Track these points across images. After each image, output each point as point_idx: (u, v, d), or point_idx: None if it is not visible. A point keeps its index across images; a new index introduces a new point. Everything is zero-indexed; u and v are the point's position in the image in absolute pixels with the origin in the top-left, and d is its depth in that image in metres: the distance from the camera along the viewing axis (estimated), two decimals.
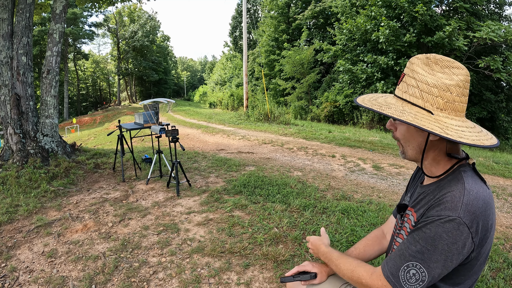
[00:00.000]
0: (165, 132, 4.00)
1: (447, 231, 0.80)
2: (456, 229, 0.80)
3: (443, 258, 0.82)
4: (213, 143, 8.47)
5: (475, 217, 0.80)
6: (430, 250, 0.82)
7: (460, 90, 0.84)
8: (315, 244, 1.22)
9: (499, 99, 12.56)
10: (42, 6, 7.19)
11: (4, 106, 4.74)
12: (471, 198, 0.82)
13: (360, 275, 0.98)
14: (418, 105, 0.86)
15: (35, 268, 2.41)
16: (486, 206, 0.83)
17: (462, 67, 0.86)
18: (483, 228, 0.82)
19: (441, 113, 0.84)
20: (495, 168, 5.53)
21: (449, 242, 0.80)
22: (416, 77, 0.87)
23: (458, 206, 0.81)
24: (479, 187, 0.86)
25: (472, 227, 0.80)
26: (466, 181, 0.86)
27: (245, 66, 15.89)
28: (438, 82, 0.84)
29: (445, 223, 0.81)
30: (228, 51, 45.06)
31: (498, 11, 14.07)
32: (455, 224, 0.80)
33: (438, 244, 0.81)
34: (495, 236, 2.98)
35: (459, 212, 0.80)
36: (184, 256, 2.55)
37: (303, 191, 4.01)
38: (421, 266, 0.83)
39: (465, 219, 0.80)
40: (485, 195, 0.85)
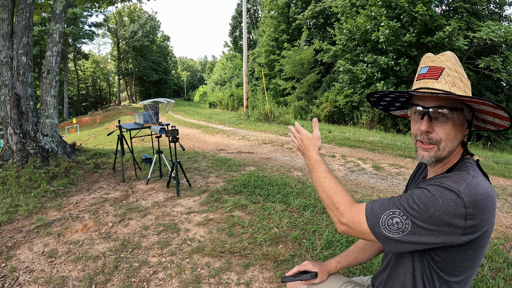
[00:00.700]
0: (165, 132, 4.00)
1: (443, 198, 0.79)
2: (452, 200, 0.78)
3: (429, 221, 0.79)
4: (213, 143, 8.47)
5: (474, 200, 0.78)
6: (421, 209, 0.80)
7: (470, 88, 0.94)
8: (306, 140, 1.11)
9: (499, 99, 12.55)
10: (42, 6, 7.19)
11: (4, 106, 4.74)
12: (474, 182, 0.81)
13: (339, 200, 0.94)
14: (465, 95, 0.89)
15: (35, 268, 2.41)
16: (487, 197, 0.81)
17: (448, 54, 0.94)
18: (480, 217, 0.79)
19: None
20: (495, 168, 5.53)
21: (442, 210, 0.78)
22: (458, 71, 0.90)
23: (460, 182, 0.81)
24: (483, 179, 0.86)
25: (468, 207, 0.78)
26: (472, 169, 0.86)
27: (245, 66, 15.89)
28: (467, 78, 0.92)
29: (444, 190, 0.80)
30: (228, 51, 45.06)
31: (498, 11, 14.06)
32: (453, 195, 0.79)
33: (431, 206, 0.79)
34: (495, 236, 2.98)
35: (460, 187, 0.79)
36: (184, 256, 2.55)
37: (303, 191, 4.01)
38: (407, 218, 0.82)
39: (464, 196, 0.78)
40: (488, 187, 0.84)
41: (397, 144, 7.81)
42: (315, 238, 2.78)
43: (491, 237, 2.84)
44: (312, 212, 3.32)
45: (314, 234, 2.87)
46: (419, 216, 0.80)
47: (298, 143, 1.14)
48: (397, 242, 0.84)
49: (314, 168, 1.05)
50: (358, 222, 0.89)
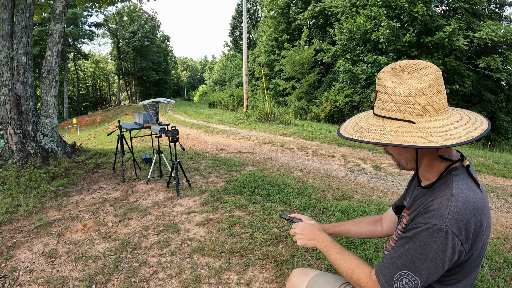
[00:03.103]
0: (165, 132, 4.00)
1: (435, 241, 0.81)
2: (444, 238, 0.80)
3: (433, 266, 0.83)
4: (213, 143, 8.47)
5: (463, 224, 0.80)
6: (421, 260, 0.83)
7: (434, 89, 0.82)
8: (308, 229, 1.14)
9: (499, 99, 12.54)
10: (42, 6, 7.19)
11: (4, 106, 4.74)
12: (458, 205, 0.81)
13: (359, 277, 0.98)
14: (398, 118, 0.85)
15: (35, 268, 2.41)
16: (476, 212, 0.82)
17: (430, 65, 0.85)
18: (474, 233, 0.83)
19: (423, 119, 0.83)
20: (495, 168, 5.53)
21: (439, 251, 0.81)
22: (388, 91, 0.85)
23: (444, 214, 0.81)
24: (469, 191, 0.85)
25: (460, 234, 0.80)
26: (456, 186, 0.85)
27: (245, 66, 15.89)
28: (410, 89, 0.82)
29: (433, 233, 0.81)
30: (228, 51, 45.10)
31: (498, 11, 14.06)
32: (443, 233, 0.80)
33: (428, 253, 0.82)
34: (495, 236, 2.98)
35: (445, 221, 0.80)
36: (184, 256, 2.55)
37: (303, 191, 4.01)
38: (413, 275, 0.84)
39: (453, 228, 0.80)
40: (476, 200, 0.84)
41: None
42: None
43: (490, 237, 2.83)
44: (312, 212, 3.32)
45: None
46: (422, 266, 0.83)
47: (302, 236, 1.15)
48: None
49: (329, 251, 1.08)
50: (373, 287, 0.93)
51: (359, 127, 0.93)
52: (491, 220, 0.92)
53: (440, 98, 0.84)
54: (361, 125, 0.94)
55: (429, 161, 0.93)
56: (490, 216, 0.91)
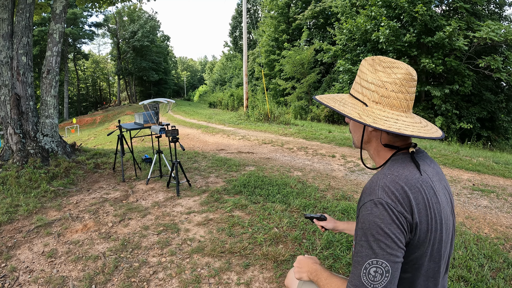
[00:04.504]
0: (165, 132, 4.00)
1: (377, 215, 0.83)
2: (383, 210, 0.82)
3: (390, 241, 0.81)
4: (213, 143, 8.47)
5: (395, 197, 0.83)
6: (375, 241, 0.82)
7: (396, 87, 0.91)
8: (304, 262, 1.18)
9: (499, 99, 12.53)
10: (42, 6, 7.18)
11: (4, 106, 4.74)
12: (389, 179, 0.87)
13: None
14: (357, 98, 0.97)
15: (35, 268, 2.41)
16: (411, 188, 0.85)
17: (403, 67, 0.92)
18: (414, 209, 0.83)
19: (376, 106, 0.93)
20: (495, 168, 5.53)
21: (386, 223, 0.82)
22: (361, 75, 0.97)
23: (375, 189, 0.86)
24: (404, 170, 0.89)
25: (397, 205, 0.82)
26: (390, 166, 0.92)
27: (245, 66, 15.88)
28: (376, 79, 0.93)
29: (372, 210, 0.84)
30: (228, 51, 45.09)
31: (498, 11, 14.05)
32: (380, 206, 0.83)
33: (378, 231, 0.82)
34: (495, 236, 2.98)
35: (377, 194, 0.85)
36: (184, 256, 2.55)
37: (303, 191, 4.01)
38: (376, 260, 0.82)
39: (386, 199, 0.83)
40: (410, 178, 0.87)
41: None
42: (315, 238, 2.78)
43: (490, 237, 2.82)
44: (312, 212, 3.32)
45: (314, 234, 2.87)
46: (379, 245, 0.82)
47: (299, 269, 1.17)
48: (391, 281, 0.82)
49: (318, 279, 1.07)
50: None
51: (332, 98, 1.04)
52: (444, 207, 0.91)
53: (399, 97, 0.92)
54: (335, 98, 1.04)
55: (376, 148, 1.01)
56: (440, 200, 0.90)
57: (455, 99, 12.38)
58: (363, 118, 0.90)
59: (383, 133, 0.97)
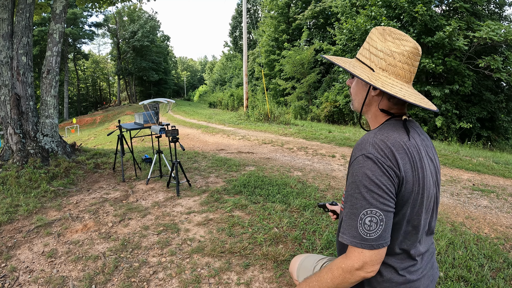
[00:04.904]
0: (165, 132, 4.00)
1: (367, 167, 0.87)
2: (373, 163, 0.86)
3: (381, 191, 0.85)
4: (213, 143, 8.47)
5: (384, 153, 0.87)
6: (367, 191, 0.85)
7: (403, 58, 0.95)
8: None
9: (499, 99, 12.52)
10: (42, 6, 7.18)
11: (4, 106, 4.74)
12: (378, 138, 0.91)
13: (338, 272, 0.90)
14: (365, 63, 0.99)
15: (35, 268, 2.41)
16: (398, 149, 0.89)
17: (411, 41, 0.96)
18: (398, 166, 0.87)
19: (382, 72, 0.96)
20: (495, 168, 5.53)
21: (377, 175, 0.85)
22: (370, 42, 1.00)
23: (366, 145, 0.91)
24: (393, 133, 0.93)
25: (386, 160, 0.86)
26: (381, 128, 0.96)
27: (245, 66, 15.89)
28: (385, 48, 0.96)
29: (363, 163, 0.87)
30: (228, 51, 45.09)
31: (498, 11, 14.04)
32: (370, 160, 0.87)
33: (369, 182, 0.85)
34: (495, 236, 2.98)
35: (368, 149, 0.89)
36: (184, 256, 2.55)
37: (303, 191, 4.01)
38: (371, 209, 0.85)
39: (376, 154, 0.87)
40: (398, 140, 0.91)
41: None
42: (315, 238, 2.78)
43: (490, 237, 2.81)
44: (312, 212, 3.32)
45: (314, 234, 2.87)
46: (372, 195, 0.85)
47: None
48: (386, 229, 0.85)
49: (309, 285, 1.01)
50: (359, 256, 0.86)
51: (341, 60, 1.06)
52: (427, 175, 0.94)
53: (404, 68, 0.95)
54: (343, 59, 1.07)
55: (374, 112, 1.04)
56: (424, 166, 0.93)
57: (455, 99, 12.37)
58: (372, 81, 0.93)
59: (383, 99, 1.00)
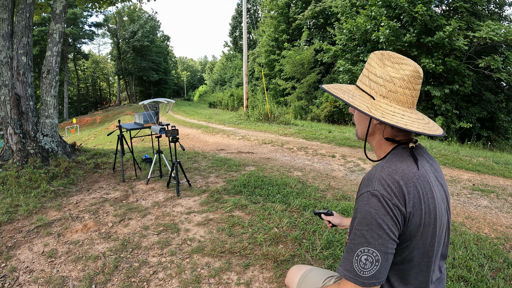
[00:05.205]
0: (165, 132, 4.00)
1: (372, 206, 0.84)
2: (378, 201, 0.84)
3: (383, 232, 0.83)
4: (213, 143, 8.46)
5: (391, 189, 0.85)
6: (368, 230, 0.84)
7: (404, 83, 0.92)
8: None
9: (499, 99, 12.53)
10: (42, 6, 7.18)
11: (4, 106, 4.74)
12: (385, 173, 0.88)
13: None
14: (365, 91, 0.97)
15: (35, 268, 2.41)
16: (406, 182, 0.86)
17: (411, 64, 0.93)
18: (405, 201, 0.85)
19: (383, 100, 0.93)
20: (495, 168, 5.53)
21: (381, 214, 0.83)
22: (369, 68, 0.98)
23: (373, 181, 0.88)
24: (401, 164, 0.90)
25: (392, 198, 0.84)
26: (389, 160, 0.93)
27: (245, 66, 15.88)
28: (384, 73, 0.93)
29: (368, 200, 0.85)
30: (228, 51, 45.09)
31: (498, 11, 14.05)
32: (375, 197, 0.84)
33: (372, 221, 0.84)
34: (495, 236, 2.98)
35: (374, 186, 0.86)
36: (184, 256, 2.55)
37: (303, 191, 4.01)
38: (368, 248, 0.84)
39: (382, 191, 0.85)
40: (407, 172, 0.88)
41: None
42: (315, 238, 2.78)
43: (490, 237, 2.82)
44: (312, 212, 3.32)
45: (314, 234, 2.87)
46: (372, 235, 0.84)
47: None
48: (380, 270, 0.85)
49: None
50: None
51: (340, 89, 1.05)
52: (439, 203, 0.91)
53: (405, 93, 0.93)
54: (342, 89, 1.05)
55: (379, 141, 1.02)
56: (435, 195, 0.90)
57: (455, 99, 12.38)
58: (372, 111, 0.91)
59: (387, 127, 0.98)
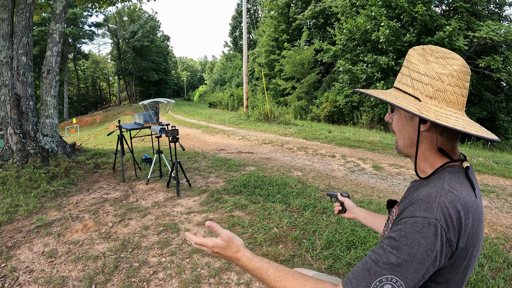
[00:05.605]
0: (165, 132, 4.01)
1: (425, 237, 0.71)
2: (434, 234, 0.71)
3: (421, 267, 0.71)
4: (213, 143, 8.47)
5: (451, 222, 0.72)
6: (408, 261, 0.71)
7: (453, 80, 0.79)
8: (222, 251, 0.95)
9: (499, 99, 12.54)
10: (42, 6, 7.18)
11: (4, 106, 4.74)
12: (448, 200, 0.74)
13: None
14: (408, 92, 0.83)
15: (35, 268, 2.41)
16: (466, 212, 0.74)
17: (459, 58, 0.81)
18: (459, 235, 0.73)
19: (430, 101, 0.80)
20: (495, 168, 5.53)
21: (428, 249, 0.71)
22: (410, 66, 0.85)
23: (433, 207, 0.73)
24: (462, 190, 0.77)
25: (449, 232, 0.71)
26: (448, 181, 0.78)
27: (245, 66, 15.89)
28: (429, 70, 0.80)
29: (423, 228, 0.71)
30: (228, 51, 45.09)
31: (498, 11, 14.06)
32: (432, 228, 0.71)
33: (417, 252, 0.71)
34: (495, 236, 2.98)
35: (435, 214, 0.72)
36: (184, 256, 2.55)
37: (303, 191, 4.01)
38: (397, 279, 0.71)
39: (442, 223, 0.71)
40: (468, 200, 0.75)
41: None
42: (315, 238, 2.78)
43: (490, 237, 2.82)
44: (312, 212, 3.32)
45: (314, 234, 2.87)
46: (409, 267, 0.71)
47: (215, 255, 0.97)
48: None
49: (263, 279, 0.88)
50: None
51: (375, 91, 0.92)
52: (483, 232, 0.80)
53: (456, 91, 0.80)
54: (379, 91, 0.92)
55: (425, 151, 0.87)
56: (483, 227, 0.79)
57: None
58: (423, 113, 0.76)
59: (438, 135, 0.83)
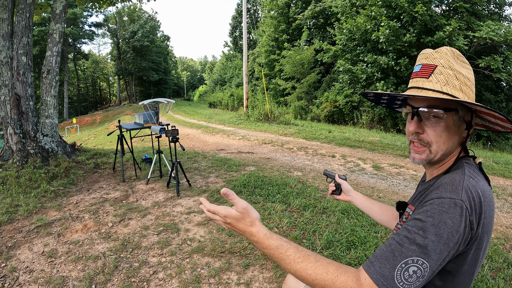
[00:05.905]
0: (165, 132, 4.00)
1: (451, 217, 0.71)
2: (460, 215, 0.71)
3: (446, 249, 0.70)
4: (213, 143, 8.46)
5: (474, 204, 0.73)
6: (435, 241, 0.70)
7: (473, 86, 0.86)
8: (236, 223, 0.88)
9: (499, 99, 12.54)
10: (42, 6, 7.18)
11: (4, 106, 4.74)
12: (471, 183, 0.76)
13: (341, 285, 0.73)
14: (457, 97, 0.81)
15: (35, 268, 2.41)
16: (485, 198, 0.76)
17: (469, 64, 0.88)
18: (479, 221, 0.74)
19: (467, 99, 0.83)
20: (495, 168, 5.53)
21: (453, 230, 0.70)
22: (452, 67, 0.83)
23: (458, 189, 0.74)
24: (480, 179, 0.80)
25: (472, 214, 0.72)
26: (468, 170, 0.81)
27: (245, 66, 15.88)
28: (469, 74, 0.84)
29: (449, 208, 0.71)
30: (228, 51, 45.09)
31: (498, 11, 14.06)
32: (458, 208, 0.71)
33: (443, 232, 0.70)
34: (495, 236, 2.98)
35: (460, 195, 0.73)
36: (184, 256, 2.55)
37: (303, 191, 4.01)
38: (423, 261, 0.70)
39: (467, 204, 0.72)
40: (485, 188, 0.78)
41: (397, 144, 7.81)
42: (315, 238, 2.78)
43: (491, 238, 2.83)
44: (312, 212, 3.32)
45: (314, 234, 2.87)
46: (436, 248, 0.70)
47: (227, 226, 0.90)
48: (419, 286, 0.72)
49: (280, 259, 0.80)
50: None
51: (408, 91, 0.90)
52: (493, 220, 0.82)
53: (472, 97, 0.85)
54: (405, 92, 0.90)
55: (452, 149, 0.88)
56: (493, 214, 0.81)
57: None
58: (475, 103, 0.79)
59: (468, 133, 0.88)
